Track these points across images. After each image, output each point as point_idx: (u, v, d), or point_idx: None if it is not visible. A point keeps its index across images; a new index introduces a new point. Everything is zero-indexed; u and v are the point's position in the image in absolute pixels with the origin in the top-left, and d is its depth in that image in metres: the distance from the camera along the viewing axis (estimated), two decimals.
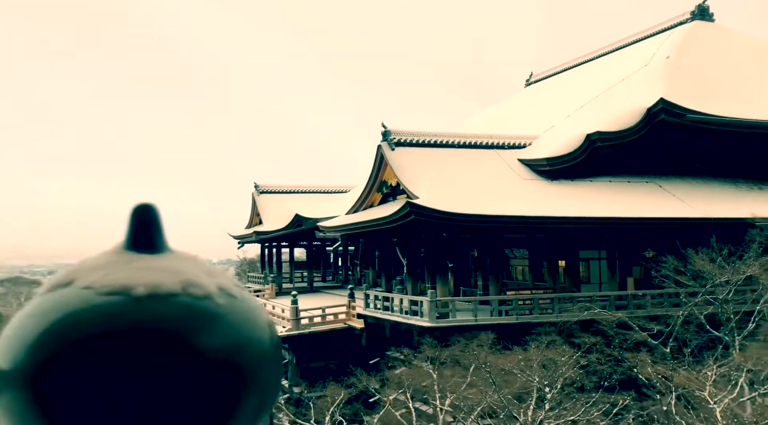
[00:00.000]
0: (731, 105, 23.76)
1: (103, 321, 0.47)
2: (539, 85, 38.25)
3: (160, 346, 0.47)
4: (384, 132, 22.80)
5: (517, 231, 22.25)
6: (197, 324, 0.48)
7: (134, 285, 0.49)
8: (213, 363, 0.48)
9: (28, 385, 0.47)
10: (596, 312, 18.79)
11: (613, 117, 23.28)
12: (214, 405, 0.48)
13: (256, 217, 39.44)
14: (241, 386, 0.49)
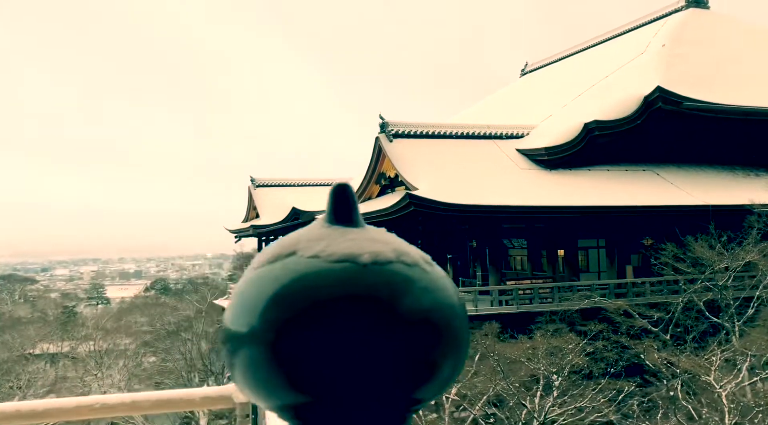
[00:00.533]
0: (728, 92, 23.81)
1: (335, 286, 0.52)
2: (535, 75, 38.24)
3: (383, 308, 0.52)
4: (382, 123, 22.77)
5: (516, 221, 22.29)
6: (410, 288, 0.53)
7: (359, 253, 0.54)
8: (422, 324, 0.53)
9: (267, 345, 0.52)
10: (596, 300, 18.88)
11: (611, 106, 23.30)
12: (424, 361, 0.53)
13: (252, 211, 39.38)
14: (444, 344, 0.54)
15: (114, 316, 64.00)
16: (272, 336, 0.52)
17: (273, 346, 0.52)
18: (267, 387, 0.54)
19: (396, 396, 0.53)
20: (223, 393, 3.99)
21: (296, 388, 0.52)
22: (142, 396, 3.91)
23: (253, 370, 0.54)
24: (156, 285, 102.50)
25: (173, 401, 3.99)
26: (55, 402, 3.71)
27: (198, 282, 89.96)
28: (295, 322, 0.51)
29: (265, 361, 0.53)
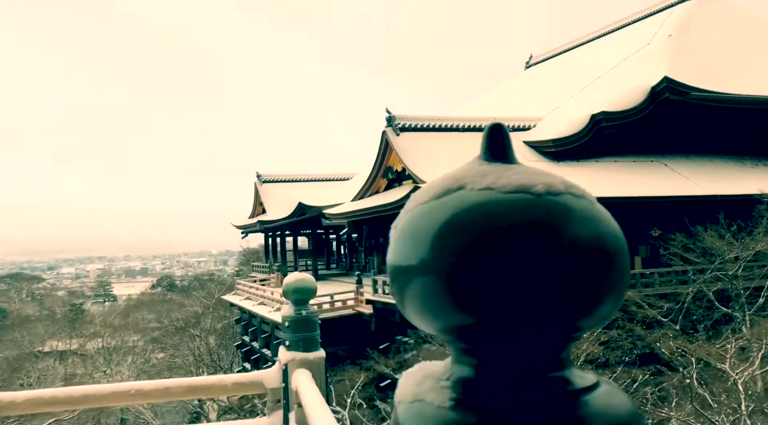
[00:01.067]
0: (735, 81, 23.71)
1: (513, 214, 0.54)
2: (539, 67, 38.12)
3: (557, 236, 0.53)
4: (388, 117, 22.76)
5: None
6: (582, 218, 0.55)
7: (533, 184, 0.55)
8: (594, 253, 0.55)
9: (441, 272, 0.54)
10: None
11: (618, 97, 23.23)
12: (591, 291, 0.55)
13: (258, 207, 39.43)
14: (611, 275, 0.55)
15: (122, 313, 64.39)
16: (447, 264, 0.54)
17: (447, 273, 0.53)
18: (435, 312, 0.56)
19: (559, 323, 0.55)
20: (254, 379, 4.04)
21: (465, 311, 0.54)
22: (176, 382, 3.97)
23: (424, 298, 0.56)
24: (162, 282, 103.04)
25: (206, 387, 4.06)
26: (92, 389, 3.77)
27: (204, 278, 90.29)
28: (472, 249, 0.53)
29: (437, 288, 0.54)
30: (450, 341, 0.59)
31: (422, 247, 0.56)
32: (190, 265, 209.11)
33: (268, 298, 28.87)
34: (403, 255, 0.58)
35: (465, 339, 0.57)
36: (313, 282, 4.19)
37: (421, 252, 0.56)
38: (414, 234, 0.57)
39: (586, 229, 0.54)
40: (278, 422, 3.94)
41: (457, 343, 0.58)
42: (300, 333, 4.03)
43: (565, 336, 0.57)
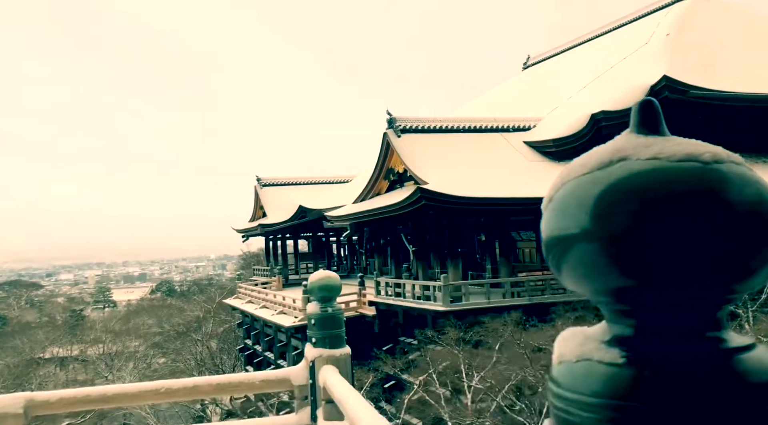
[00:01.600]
0: (734, 80, 23.84)
1: (684, 181, 0.57)
2: (537, 68, 38.23)
3: (725, 203, 0.56)
4: (389, 119, 22.83)
5: (526, 213, 22.30)
6: (747, 186, 0.58)
7: (699, 153, 0.59)
8: (757, 220, 0.58)
9: (606, 240, 0.57)
10: None
11: (617, 96, 23.32)
12: (751, 256, 0.58)
13: (259, 210, 39.46)
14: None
15: (122, 319, 64.28)
16: (614, 230, 0.57)
17: (613, 239, 0.57)
18: (596, 276, 0.60)
19: (718, 285, 0.58)
20: (282, 376, 4.10)
21: (628, 274, 0.57)
22: (204, 380, 4.03)
23: (585, 264, 0.60)
24: (161, 288, 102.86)
25: (234, 384, 4.12)
26: (123, 387, 3.83)
27: (203, 283, 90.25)
28: (642, 215, 0.56)
29: (601, 253, 0.58)
30: (608, 303, 0.63)
31: (585, 216, 0.59)
32: (189, 270, 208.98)
33: (271, 302, 28.90)
34: (561, 225, 0.63)
35: (625, 301, 0.61)
36: (338, 280, 4.26)
37: (583, 221, 0.59)
38: (575, 204, 0.61)
39: (749, 195, 0.57)
40: (306, 418, 4.00)
41: (615, 305, 0.62)
42: (326, 330, 4.09)
43: (723, 298, 0.60)
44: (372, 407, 2.86)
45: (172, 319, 49.25)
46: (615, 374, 0.58)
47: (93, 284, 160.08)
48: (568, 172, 0.66)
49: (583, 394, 0.60)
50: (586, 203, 0.60)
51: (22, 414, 3.59)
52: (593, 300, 0.66)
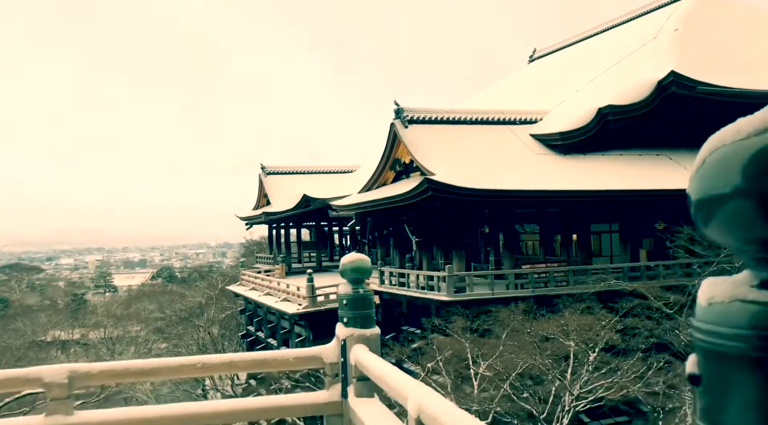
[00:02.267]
0: (741, 76, 23.88)
1: None
2: (544, 61, 38.21)
3: None
4: (397, 109, 22.88)
5: (530, 205, 22.47)
6: None
7: None
8: None
9: (758, 196, 0.67)
10: (612, 282, 19.10)
11: (624, 90, 23.39)
12: None
13: (263, 198, 39.57)
14: None
15: (123, 304, 64.55)
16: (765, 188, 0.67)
17: (764, 195, 0.67)
18: (748, 227, 0.69)
19: None
20: (314, 353, 4.23)
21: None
22: (240, 356, 4.16)
23: (738, 218, 0.69)
24: (162, 274, 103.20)
25: (268, 361, 4.25)
26: (162, 361, 3.96)
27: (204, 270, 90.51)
28: None
29: (754, 207, 0.67)
30: (756, 251, 0.74)
31: (739, 176, 0.68)
32: (189, 257, 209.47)
33: (275, 289, 29.07)
34: (715, 185, 0.71)
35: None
36: (369, 262, 4.36)
37: (739, 181, 0.68)
38: (730, 167, 0.70)
39: None
40: (337, 395, 4.12)
41: (763, 253, 0.73)
42: (357, 310, 4.20)
43: None
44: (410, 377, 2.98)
45: (173, 305, 49.52)
46: (764, 311, 0.70)
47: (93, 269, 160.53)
48: (719, 139, 0.75)
49: (734, 328, 0.71)
50: (742, 165, 0.69)
51: (67, 384, 3.72)
52: (740, 249, 0.77)
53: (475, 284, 20.84)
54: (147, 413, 3.97)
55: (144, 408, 4.00)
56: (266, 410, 4.31)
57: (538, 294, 20.17)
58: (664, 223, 23.05)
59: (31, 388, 3.76)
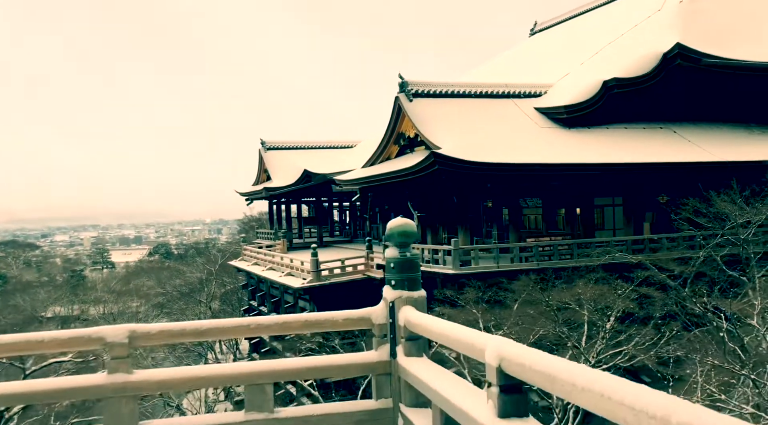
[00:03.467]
0: (746, 48, 23.80)
1: None
2: (545, 34, 37.92)
3: None
4: (401, 83, 22.74)
5: (535, 179, 22.48)
6: None
7: None
8: None
9: None
10: (618, 255, 19.25)
11: (629, 63, 23.29)
12: None
13: (263, 174, 39.45)
14: None
15: (122, 280, 64.67)
16: None
17: None
18: None
19: None
20: (363, 315, 4.31)
21: None
22: (293, 317, 4.23)
23: None
24: (159, 250, 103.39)
25: (319, 322, 4.33)
26: (216, 322, 4.02)
27: (200, 246, 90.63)
28: None
29: None
30: None
31: None
32: (184, 234, 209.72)
33: (278, 264, 29.16)
34: None
35: None
36: (415, 226, 4.41)
37: None
38: None
39: None
40: (385, 355, 4.20)
41: None
42: (404, 273, 4.26)
43: None
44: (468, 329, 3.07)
45: (172, 281, 49.75)
46: None
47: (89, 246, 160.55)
48: None
49: None
50: None
51: (127, 343, 3.79)
52: None
53: (480, 258, 20.97)
54: (203, 371, 4.05)
55: (200, 367, 4.08)
56: (317, 369, 4.40)
57: (543, 267, 20.28)
58: (666, 196, 23.17)
59: (94, 347, 3.83)
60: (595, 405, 1.89)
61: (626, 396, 1.73)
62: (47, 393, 3.82)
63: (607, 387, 1.83)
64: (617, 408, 1.75)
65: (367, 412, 4.15)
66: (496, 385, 2.59)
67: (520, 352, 2.46)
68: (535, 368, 2.27)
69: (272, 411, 3.98)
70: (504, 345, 2.58)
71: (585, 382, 1.94)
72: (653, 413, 1.60)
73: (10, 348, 3.79)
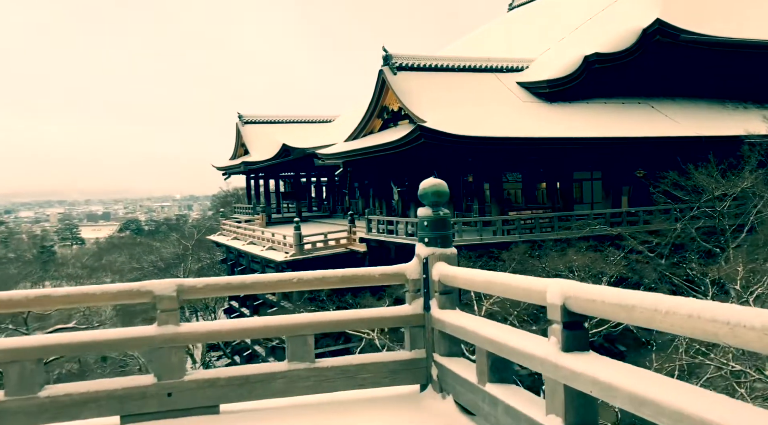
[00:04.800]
0: (723, 25, 24.29)
1: None
2: (524, 9, 38.03)
3: None
4: (385, 56, 22.70)
5: (516, 153, 22.77)
6: None
7: None
8: None
9: None
10: (598, 227, 19.74)
11: (609, 39, 23.59)
12: None
13: (240, 148, 39.16)
14: None
15: (94, 255, 63.80)
16: None
17: None
18: None
19: None
20: (397, 271, 4.48)
21: None
22: (331, 273, 4.39)
23: None
24: (129, 226, 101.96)
25: (357, 277, 4.50)
26: (260, 277, 4.16)
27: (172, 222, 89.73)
28: None
29: None
30: None
31: None
32: (153, 210, 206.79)
33: (259, 238, 29.15)
34: None
35: None
36: (446, 187, 4.57)
37: None
38: None
39: None
40: (419, 308, 4.39)
41: None
42: (438, 231, 4.43)
43: None
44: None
45: (147, 256, 49.31)
46: None
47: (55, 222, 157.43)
48: None
49: None
50: None
51: (175, 297, 3.90)
52: None
53: (463, 231, 21.28)
54: (248, 324, 4.19)
55: (245, 320, 4.20)
56: (355, 321, 4.57)
57: (525, 239, 20.68)
58: (644, 170, 23.72)
59: (143, 300, 3.93)
60: (682, 327, 2.07)
61: (717, 313, 1.92)
62: (101, 344, 3.92)
63: (695, 308, 2.01)
64: (709, 326, 1.94)
65: (401, 362, 4.33)
66: (559, 322, 2.78)
67: (587, 289, 2.64)
68: (610, 301, 2.46)
69: (313, 361, 4.14)
70: (568, 285, 2.76)
71: (669, 306, 2.12)
72: (751, 324, 1.79)
73: (66, 301, 3.87)
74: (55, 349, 3.85)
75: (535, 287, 3.03)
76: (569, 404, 2.75)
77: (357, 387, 4.22)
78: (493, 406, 3.42)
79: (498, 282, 3.49)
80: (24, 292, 3.77)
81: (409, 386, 4.39)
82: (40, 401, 3.63)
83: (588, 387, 2.56)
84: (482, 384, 3.56)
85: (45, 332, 23.89)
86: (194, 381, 3.90)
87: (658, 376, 2.35)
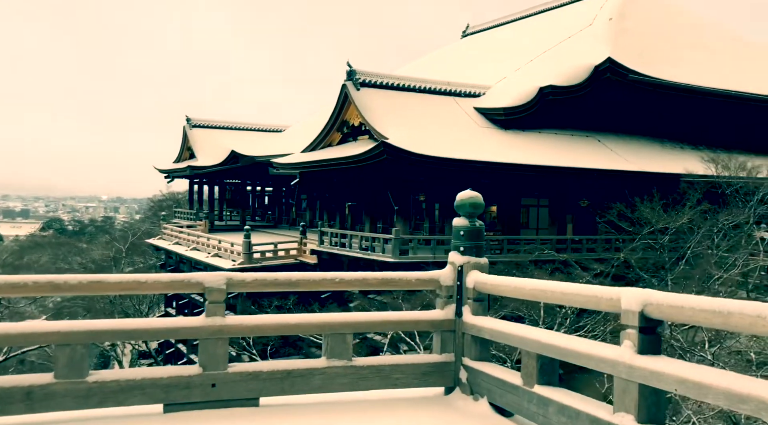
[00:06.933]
0: (664, 68, 25.89)
1: None
2: (477, 37, 39.22)
3: None
4: (349, 71, 22.90)
5: (468, 175, 23.26)
6: None
7: None
8: None
9: None
10: (546, 252, 20.47)
11: (563, 72, 24.67)
12: None
13: (186, 151, 38.30)
14: None
15: (14, 254, 60.51)
16: None
17: None
18: None
19: None
20: (432, 277, 4.66)
21: None
22: (372, 275, 4.52)
23: None
24: (53, 225, 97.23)
25: (395, 280, 4.65)
26: (306, 275, 4.24)
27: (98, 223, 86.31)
28: None
29: None
30: None
31: None
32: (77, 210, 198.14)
33: (204, 244, 28.53)
34: None
35: None
36: (482, 199, 4.77)
37: None
38: None
39: None
40: (451, 314, 4.55)
41: None
42: (473, 241, 4.62)
43: None
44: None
45: (73, 257, 47.18)
46: None
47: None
48: None
49: None
50: None
51: (224, 289, 3.92)
52: None
53: (418, 248, 21.60)
54: (291, 319, 4.23)
55: (289, 316, 4.24)
56: (389, 323, 4.69)
57: None
58: (587, 201, 24.81)
59: (193, 290, 3.92)
60: None
61: None
62: (150, 331, 3.88)
63: None
64: None
65: (432, 364, 4.47)
66: (635, 327, 3.00)
67: (672, 297, 2.87)
68: (701, 308, 2.69)
69: (350, 359, 4.22)
70: (648, 293, 2.99)
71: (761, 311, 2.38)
72: None
73: (119, 288, 3.80)
74: (107, 334, 3.79)
75: (604, 295, 3.24)
76: (642, 402, 2.96)
77: (390, 386, 4.33)
78: (542, 406, 3.60)
79: (557, 290, 3.68)
80: (79, 276, 3.71)
81: (434, 388, 4.54)
82: (88, 385, 3.57)
83: (672, 386, 2.77)
84: (529, 386, 3.74)
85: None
86: (238, 373, 3.92)
87: (746, 377, 2.59)
